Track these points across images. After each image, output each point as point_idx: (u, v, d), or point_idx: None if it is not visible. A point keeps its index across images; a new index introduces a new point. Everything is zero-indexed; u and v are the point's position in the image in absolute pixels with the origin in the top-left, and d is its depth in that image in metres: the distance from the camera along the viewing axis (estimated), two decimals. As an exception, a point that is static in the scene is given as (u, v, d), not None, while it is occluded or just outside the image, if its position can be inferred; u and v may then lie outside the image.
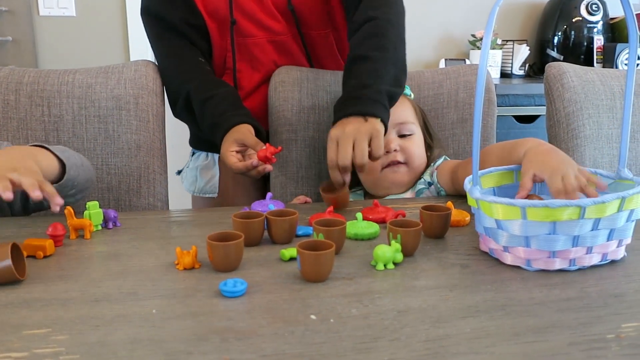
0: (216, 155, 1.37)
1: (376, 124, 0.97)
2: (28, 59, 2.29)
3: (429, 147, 1.19)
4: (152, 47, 1.27)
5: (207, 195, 1.37)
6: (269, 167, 1.02)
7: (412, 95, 1.23)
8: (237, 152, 1.06)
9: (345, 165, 0.94)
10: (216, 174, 1.37)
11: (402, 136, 1.14)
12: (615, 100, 1.25)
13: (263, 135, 1.12)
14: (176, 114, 1.25)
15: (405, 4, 2.51)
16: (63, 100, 1.21)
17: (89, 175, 0.99)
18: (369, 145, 0.95)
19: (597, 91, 1.23)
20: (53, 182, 0.89)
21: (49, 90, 1.21)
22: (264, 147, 1.01)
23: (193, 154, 1.43)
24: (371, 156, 0.95)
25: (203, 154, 1.40)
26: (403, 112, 1.16)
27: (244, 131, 1.07)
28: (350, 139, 0.94)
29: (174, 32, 1.22)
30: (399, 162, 1.12)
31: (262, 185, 1.37)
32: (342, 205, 1.00)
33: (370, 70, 1.03)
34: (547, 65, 1.27)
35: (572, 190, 0.77)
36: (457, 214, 0.92)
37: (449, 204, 0.92)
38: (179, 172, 1.45)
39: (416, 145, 1.14)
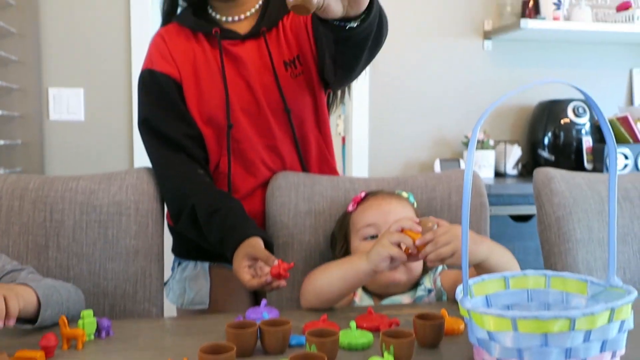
0: (206, 264, 1.36)
1: None
2: (35, 161, 2.37)
3: None
4: (150, 159, 1.29)
5: (196, 307, 1.34)
6: (282, 282, 1.02)
7: (415, 204, 1.26)
8: (249, 266, 1.07)
9: None
10: (206, 284, 1.34)
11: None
12: (604, 204, 1.28)
13: (272, 246, 1.14)
14: (179, 227, 1.26)
15: (400, 106, 2.64)
16: (66, 205, 1.24)
17: (71, 309, 0.98)
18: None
19: (585, 195, 1.27)
20: (25, 321, 0.90)
21: (53, 196, 1.25)
22: (276, 263, 1.01)
23: (179, 264, 1.40)
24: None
25: (191, 263, 1.37)
26: (408, 212, 1.18)
27: (254, 245, 1.08)
28: None
29: (172, 145, 1.25)
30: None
31: (256, 291, 1.36)
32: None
33: None
34: (535, 170, 1.32)
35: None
36: (451, 322, 0.91)
37: (443, 311, 0.92)
38: (164, 284, 1.39)
39: None
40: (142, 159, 2.38)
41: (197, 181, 1.25)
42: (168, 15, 1.37)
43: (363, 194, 1.24)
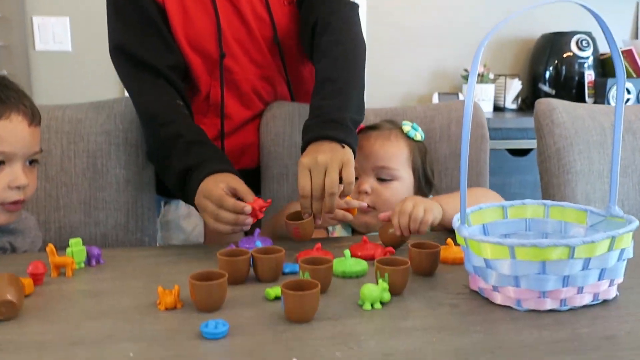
0: None
1: (348, 152, 0.98)
2: (22, 93, 2.30)
3: (422, 194, 1.15)
4: (126, 87, 1.19)
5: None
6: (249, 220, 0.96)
7: (421, 135, 1.19)
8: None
9: (318, 195, 0.94)
10: (200, 221, 1.29)
11: (381, 180, 1.12)
12: (606, 135, 1.25)
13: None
14: (150, 155, 1.20)
15: (399, 39, 2.57)
16: (52, 135, 1.21)
17: None
18: (340, 174, 0.95)
19: (587, 127, 1.23)
20: None
21: (38, 125, 1.20)
22: (253, 200, 0.95)
23: (165, 203, 1.34)
24: (342, 183, 0.95)
25: (182, 202, 1.30)
26: (390, 155, 1.13)
27: (236, 177, 1.00)
28: (323, 167, 0.94)
29: (150, 72, 1.14)
30: (367, 205, 1.07)
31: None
32: (305, 235, 0.97)
33: (339, 94, 1.05)
34: (536, 101, 1.28)
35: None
36: (456, 252, 0.89)
37: (449, 241, 0.91)
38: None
39: (392, 192, 1.10)
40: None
41: (176, 111, 1.13)
42: None
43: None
